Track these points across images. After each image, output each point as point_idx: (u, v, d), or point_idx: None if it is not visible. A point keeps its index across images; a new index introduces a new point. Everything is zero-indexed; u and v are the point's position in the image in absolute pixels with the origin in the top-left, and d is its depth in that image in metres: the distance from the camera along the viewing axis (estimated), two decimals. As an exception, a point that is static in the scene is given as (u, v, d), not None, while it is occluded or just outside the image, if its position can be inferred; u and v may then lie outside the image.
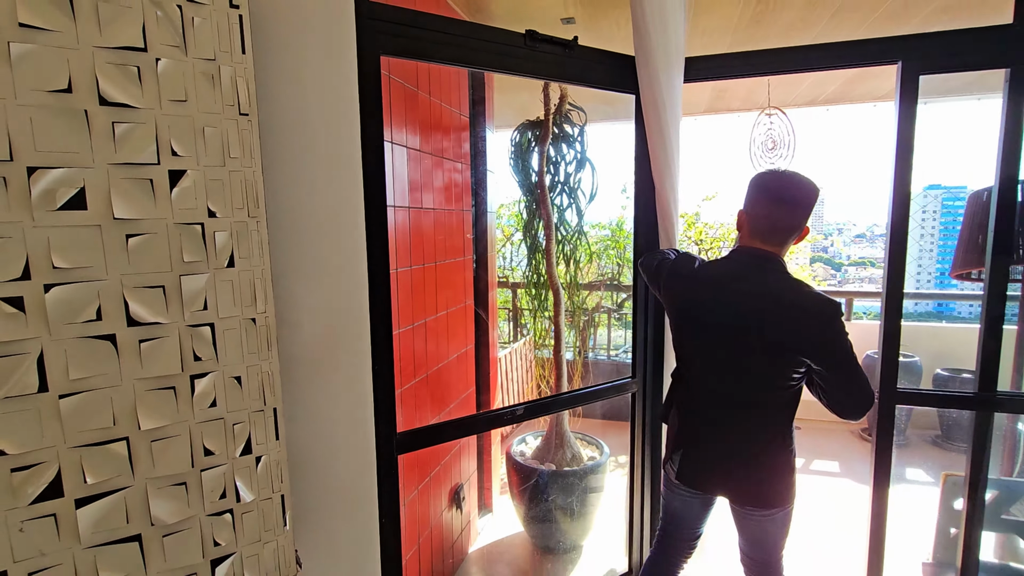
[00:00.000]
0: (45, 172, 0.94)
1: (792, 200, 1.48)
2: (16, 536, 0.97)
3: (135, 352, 1.04)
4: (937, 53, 1.76)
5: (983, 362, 1.82)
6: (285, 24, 1.22)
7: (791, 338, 1.44)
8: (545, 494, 2.46)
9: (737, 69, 2.00)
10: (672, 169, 1.87)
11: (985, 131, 3.01)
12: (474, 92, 2.64)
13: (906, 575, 2.31)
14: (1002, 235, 1.77)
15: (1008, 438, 2.48)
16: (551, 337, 3.08)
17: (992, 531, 2.23)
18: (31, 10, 0.90)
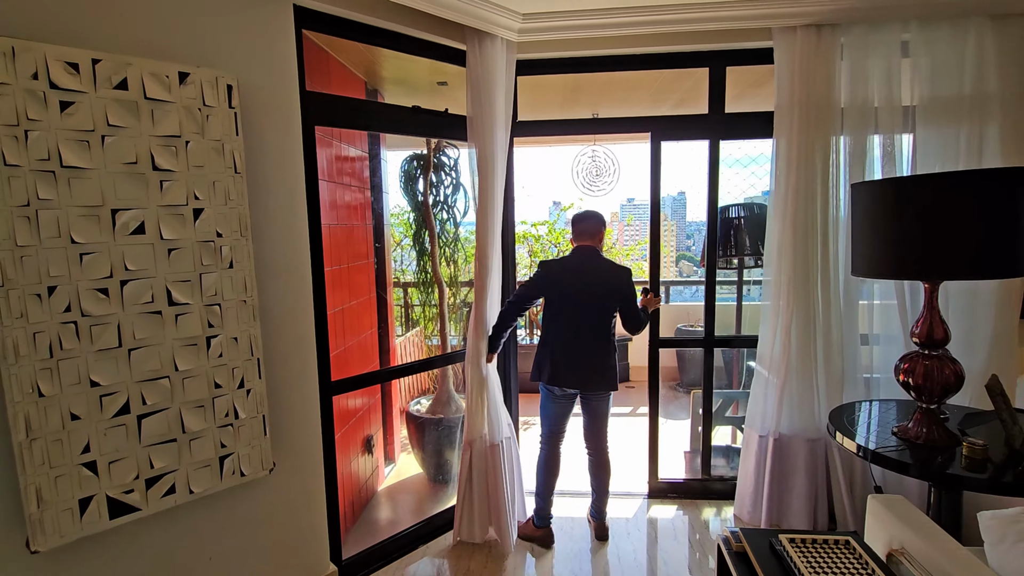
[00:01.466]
0: (122, 212, 1.54)
1: (586, 219, 2.49)
2: (102, 438, 1.56)
3: (173, 322, 1.66)
4: (669, 129, 2.84)
5: (707, 318, 2.94)
6: (259, 114, 1.87)
7: (612, 290, 2.48)
8: (436, 436, 3.22)
9: (554, 130, 2.93)
10: (493, 193, 2.65)
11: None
12: (372, 136, 3.32)
13: (676, 460, 3.46)
14: (713, 242, 2.89)
15: (736, 365, 3.77)
16: (437, 329, 3.86)
17: (721, 425, 3.44)
18: (115, 115, 1.51)
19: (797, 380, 2.52)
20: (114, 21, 1.56)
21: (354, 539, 2.62)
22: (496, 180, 2.53)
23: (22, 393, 1.42)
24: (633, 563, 2.45)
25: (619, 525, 2.76)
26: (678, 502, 2.98)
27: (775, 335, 2.55)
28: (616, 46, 2.62)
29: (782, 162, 2.47)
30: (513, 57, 2.57)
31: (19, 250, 1.39)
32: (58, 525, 1.50)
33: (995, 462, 1.76)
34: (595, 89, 3.48)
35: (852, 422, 2.14)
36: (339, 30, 2.18)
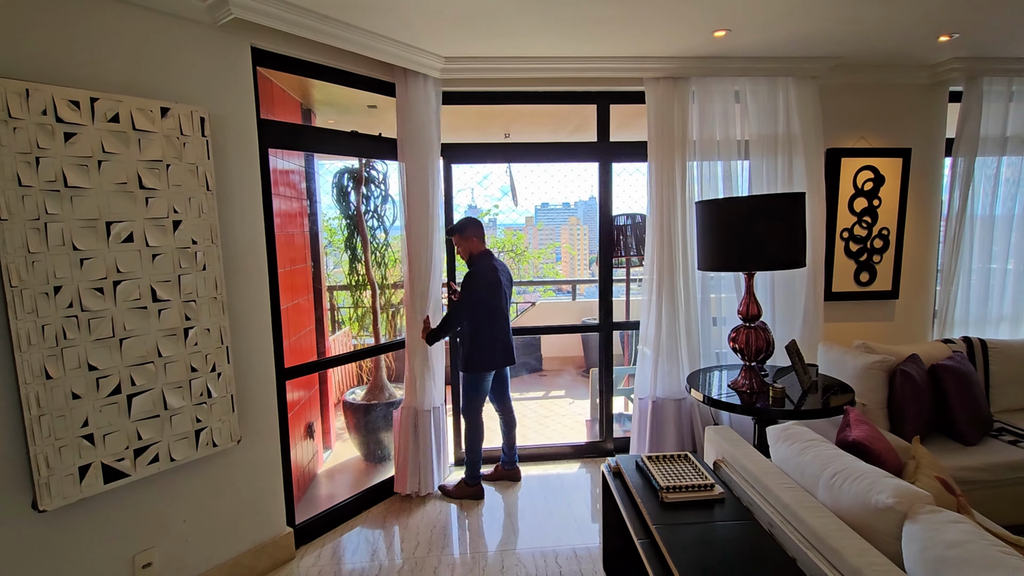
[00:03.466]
0: (116, 224, 1.85)
1: (480, 225, 3.14)
2: (96, 414, 1.85)
3: (157, 316, 1.97)
4: (568, 153, 3.47)
5: (602, 308, 3.59)
6: (225, 140, 2.20)
7: (509, 281, 3.10)
8: (371, 420, 3.60)
9: (480, 155, 3.46)
10: (423, 204, 3.11)
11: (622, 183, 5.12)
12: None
13: (578, 429, 4.10)
14: (607, 245, 3.54)
15: (627, 345, 4.50)
16: (366, 328, 4.24)
17: (615, 396, 4.13)
18: (110, 144, 1.82)
19: (666, 354, 3.20)
20: (108, 66, 1.87)
21: (302, 510, 2.96)
22: (422, 193, 3.00)
23: (32, 376, 1.70)
24: (543, 505, 3.00)
25: (531, 481, 3.31)
26: (581, 460, 3.59)
27: (650, 320, 3.23)
28: (524, 85, 3.19)
29: (653, 181, 3.16)
30: (438, 90, 3.05)
31: (31, 256, 1.68)
32: (61, 488, 1.78)
33: (792, 400, 2.49)
34: (507, 115, 4.05)
35: (704, 382, 2.83)
36: (287, 67, 2.55)
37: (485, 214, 7.75)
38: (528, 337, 6.05)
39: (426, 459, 3.12)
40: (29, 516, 1.76)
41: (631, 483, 2.04)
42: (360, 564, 2.53)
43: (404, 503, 3.09)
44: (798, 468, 1.78)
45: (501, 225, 9.84)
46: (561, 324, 6.18)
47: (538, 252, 9.14)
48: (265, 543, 2.45)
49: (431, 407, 3.11)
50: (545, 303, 6.93)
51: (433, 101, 3.03)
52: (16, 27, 1.68)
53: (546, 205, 70.76)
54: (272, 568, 2.47)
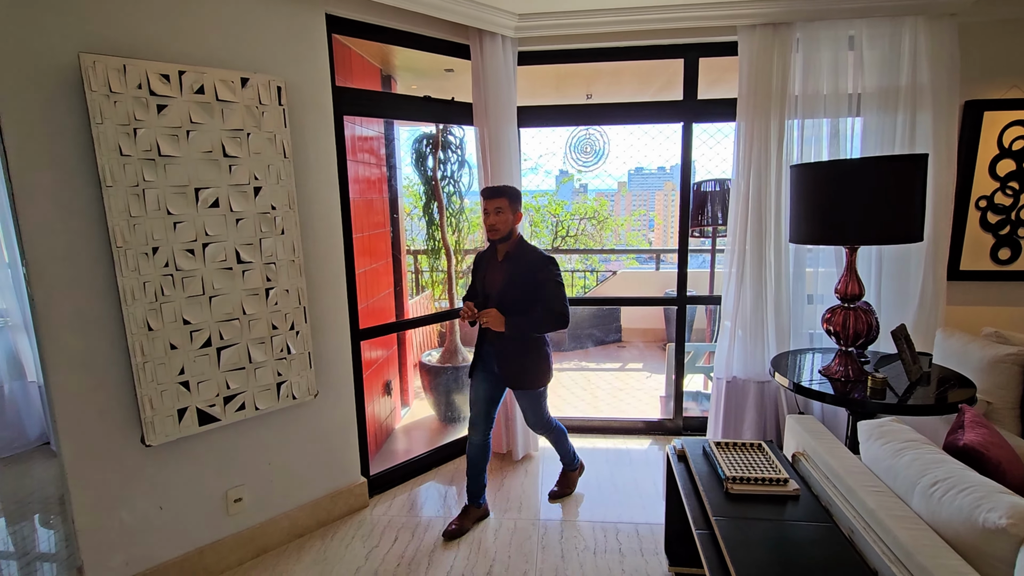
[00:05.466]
0: (203, 190, 1.99)
1: (517, 195, 2.44)
2: (191, 364, 2.04)
3: (241, 276, 2.12)
4: (649, 114, 3.23)
5: (679, 281, 3.38)
6: (301, 108, 2.28)
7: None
8: (446, 382, 3.72)
9: (553, 118, 3.32)
10: (497, 170, 3.06)
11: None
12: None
13: (653, 404, 3.96)
14: (685, 214, 3.29)
15: (710, 321, 4.22)
16: (445, 292, 4.33)
17: (693, 373, 3.92)
18: (197, 114, 1.94)
19: (750, 332, 2.96)
20: (192, 40, 1.98)
21: (378, 463, 3.14)
22: (500, 158, 2.94)
23: (137, 327, 1.90)
24: (608, 478, 2.95)
25: (599, 454, 3.26)
26: (652, 437, 3.48)
27: (731, 294, 2.99)
28: (603, 40, 2.98)
29: (742, 142, 2.86)
30: (514, 50, 2.95)
31: (132, 219, 1.85)
32: (164, 427, 2.00)
33: (896, 392, 2.21)
34: (587, 74, 3.84)
35: (791, 365, 2.59)
36: (361, 33, 2.57)
37: (569, 179, 7.56)
38: (607, 307, 5.91)
39: (511, 426, 3.17)
40: (139, 449, 2.00)
41: (695, 469, 1.93)
42: (428, 516, 2.65)
43: (471, 464, 3.18)
44: (891, 471, 1.57)
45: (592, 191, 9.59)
46: (638, 296, 5.96)
47: (625, 219, 8.80)
48: (341, 490, 2.63)
49: None
50: (627, 272, 6.71)
51: (509, 62, 2.93)
52: (112, 7, 1.81)
53: (640, 170, 65.42)
54: (347, 513, 2.66)
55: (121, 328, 1.90)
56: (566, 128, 4.67)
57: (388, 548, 2.40)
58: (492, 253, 2.47)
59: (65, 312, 1.82)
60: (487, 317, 2.28)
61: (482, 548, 2.40)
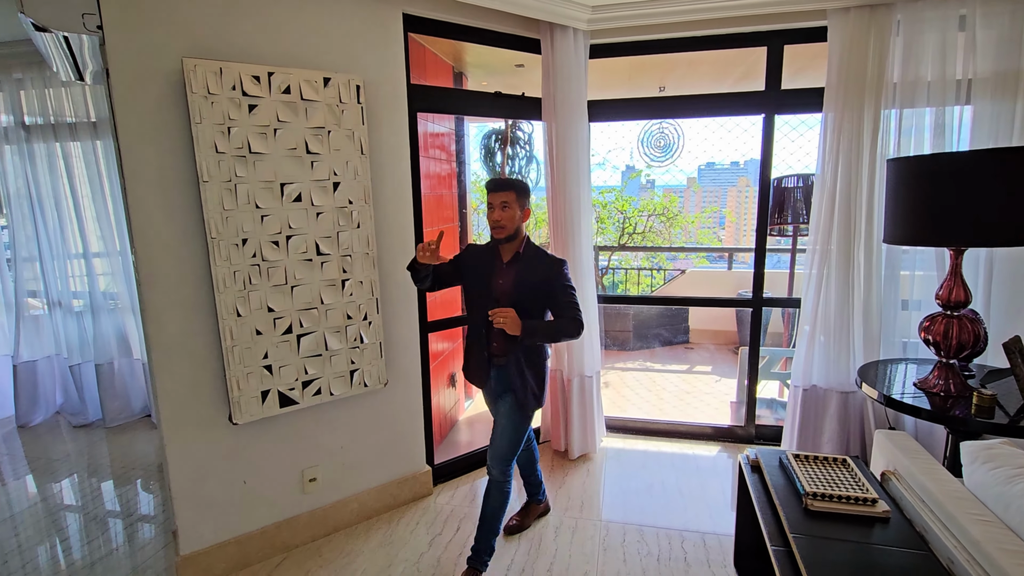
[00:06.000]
0: (288, 185, 2.10)
1: (527, 189, 2.14)
2: (274, 349, 2.16)
3: (320, 268, 2.22)
4: (728, 105, 3.08)
5: (755, 282, 3.20)
6: (378, 106, 2.36)
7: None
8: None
9: (626, 112, 3.24)
10: (568, 165, 3.02)
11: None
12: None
13: (723, 410, 3.80)
14: (764, 211, 3.11)
15: (787, 325, 3.98)
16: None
17: (767, 380, 3.71)
18: (283, 113, 2.05)
19: (834, 338, 2.76)
20: (281, 43, 2.09)
21: (441, 453, 3.21)
22: (568, 154, 2.91)
23: (227, 312, 2.04)
24: (674, 484, 2.86)
25: (664, 458, 3.17)
26: (721, 444, 3.34)
27: (811, 296, 2.80)
28: (680, 30, 2.87)
29: (829, 134, 2.67)
30: (586, 43, 2.90)
31: (225, 212, 1.98)
32: (248, 408, 2.14)
33: (1006, 411, 1.99)
34: (660, 66, 3.71)
35: (881, 375, 2.39)
36: (435, 31, 2.61)
37: (636, 174, 7.39)
38: (674, 307, 5.72)
39: (586, 423, 3.17)
40: (227, 427, 2.15)
41: (771, 481, 1.82)
42: (487, 510, 2.68)
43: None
44: (1001, 499, 1.42)
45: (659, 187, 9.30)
46: (709, 296, 5.72)
47: (696, 216, 8.48)
48: (407, 477, 2.71)
49: (592, 372, 3.15)
50: (696, 271, 6.47)
51: (580, 55, 2.89)
52: (211, 15, 1.95)
53: (712, 165, 61.79)
54: (412, 499, 2.74)
55: (214, 313, 2.05)
56: (636, 122, 4.57)
57: (451, 537, 2.45)
58: (491, 254, 2.14)
59: (166, 297, 1.98)
60: (504, 317, 1.93)
61: (542, 545, 2.40)
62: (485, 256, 2.16)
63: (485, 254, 2.17)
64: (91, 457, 3.36)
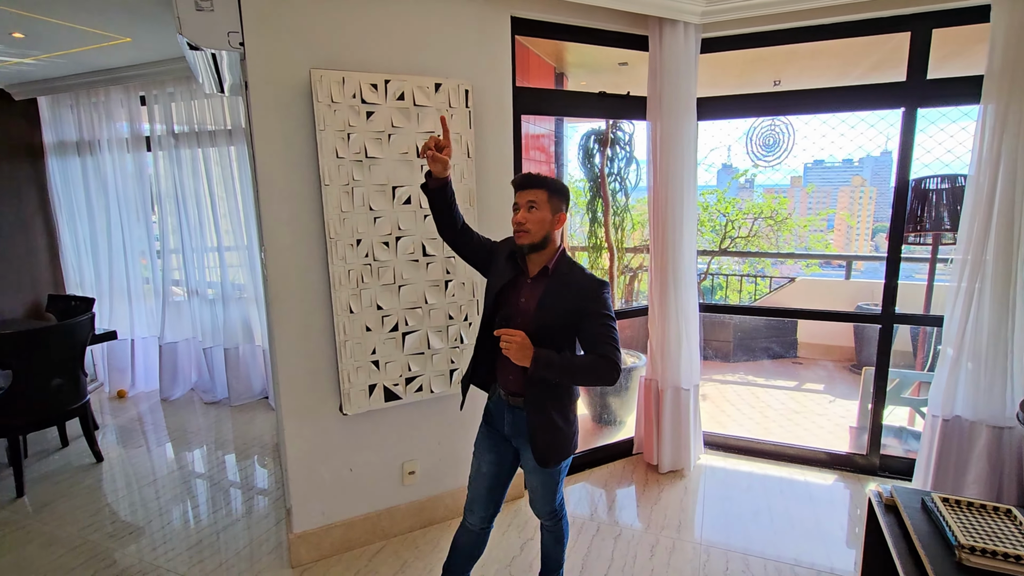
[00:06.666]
0: (399, 188, 2.18)
1: (565, 190, 1.72)
2: (381, 345, 2.26)
3: (425, 268, 2.29)
4: (859, 99, 2.77)
5: (886, 295, 2.86)
6: (484, 109, 2.39)
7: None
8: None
9: (738, 108, 3.03)
10: (673, 167, 2.87)
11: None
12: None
13: (838, 434, 3.44)
14: (899, 215, 2.77)
15: (922, 345, 3.51)
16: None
17: (895, 405, 3.30)
18: (397, 119, 2.13)
19: (985, 363, 2.40)
20: (395, 52, 2.18)
21: (532, 455, 3.21)
22: (674, 154, 2.78)
23: (341, 309, 2.15)
24: (782, 511, 2.63)
25: (771, 482, 2.93)
26: (837, 472, 3.03)
27: (958, 314, 2.45)
28: (804, 18, 2.64)
29: (989, 131, 2.32)
30: (697, 38, 2.75)
31: (342, 214, 2.09)
32: (357, 400, 2.24)
33: None
34: (777, 59, 3.44)
35: (1048, 410, 2.04)
36: (542, 32, 2.60)
37: (741, 174, 6.95)
38: (781, 318, 5.31)
39: (680, 437, 3.03)
40: (337, 416, 2.28)
41: (912, 526, 1.61)
42: (580, 517, 2.62)
43: (631, 470, 3.08)
44: None
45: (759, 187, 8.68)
46: (824, 309, 5.23)
47: (806, 219, 7.84)
48: (498, 478, 2.72)
49: (690, 385, 3.01)
50: (808, 280, 5.95)
51: (691, 51, 2.75)
52: (335, 27, 2.06)
53: (820, 163, 57.91)
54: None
55: (330, 309, 2.18)
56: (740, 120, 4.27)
57: (542, 543, 2.43)
58: (516, 264, 1.72)
59: (290, 292, 2.13)
60: (512, 340, 1.52)
61: (637, 563, 2.31)
62: (509, 264, 1.73)
63: (510, 262, 1.74)
64: (218, 431, 3.72)
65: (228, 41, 1.96)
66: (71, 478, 3.09)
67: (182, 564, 2.33)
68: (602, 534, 2.50)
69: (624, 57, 3.32)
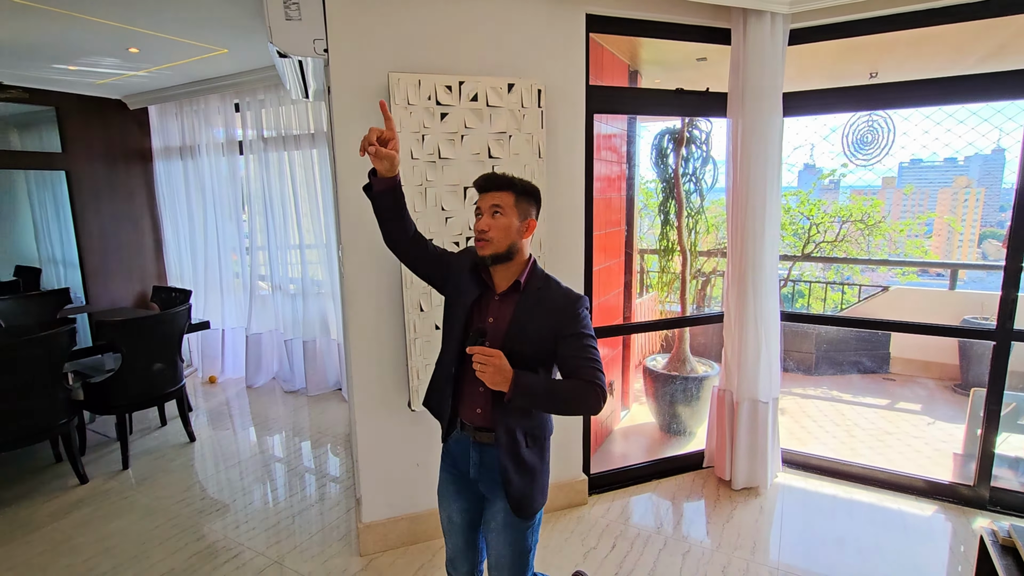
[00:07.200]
0: (470, 188, 2.19)
1: (536, 193, 1.51)
2: (449, 344, 2.28)
3: (494, 269, 2.29)
4: (976, 90, 2.48)
5: (1001, 308, 2.55)
6: (555, 108, 2.37)
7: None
8: (671, 391, 3.53)
9: (830, 103, 2.82)
10: (746, 170, 2.69)
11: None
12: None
13: (939, 460, 3.10)
14: (1021, 218, 2.46)
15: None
16: (671, 293, 4.12)
17: (1010, 432, 2.93)
18: (470, 120, 2.14)
19: None
20: (470, 54, 2.20)
21: (596, 463, 3.14)
22: (756, 152, 2.63)
23: (412, 307, 2.20)
24: (871, 541, 2.41)
25: (858, 508, 2.70)
26: (938, 503, 2.74)
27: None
28: (908, 2, 2.41)
29: None
30: (785, 29, 2.59)
31: (416, 214, 2.13)
32: (422, 396, 2.28)
33: None
34: (874, 48, 3.17)
35: None
36: (618, 28, 2.53)
37: (828, 175, 6.49)
38: (869, 331, 4.89)
39: (756, 453, 2.86)
40: (406, 412, 2.33)
41: (1036, 570, 1.41)
42: (646, 529, 2.54)
43: (700, 484, 2.95)
44: None
45: (845, 188, 8.07)
46: (925, 323, 4.76)
47: (902, 223, 7.20)
48: (562, 483, 2.69)
49: (768, 398, 2.82)
50: (902, 289, 5.45)
51: (778, 43, 2.58)
52: (410, 30, 2.11)
53: (917, 162, 54.66)
54: (567, 506, 2.71)
55: (401, 307, 2.23)
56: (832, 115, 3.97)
57: (606, 554, 2.36)
58: (481, 278, 1.50)
59: (364, 289, 2.20)
60: (485, 361, 1.28)
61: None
62: (473, 278, 1.49)
63: (473, 275, 1.50)
64: (295, 419, 3.93)
65: (313, 48, 2.06)
66: (168, 455, 3.37)
67: (261, 543, 2.47)
68: (669, 549, 2.40)
69: (703, 52, 3.18)
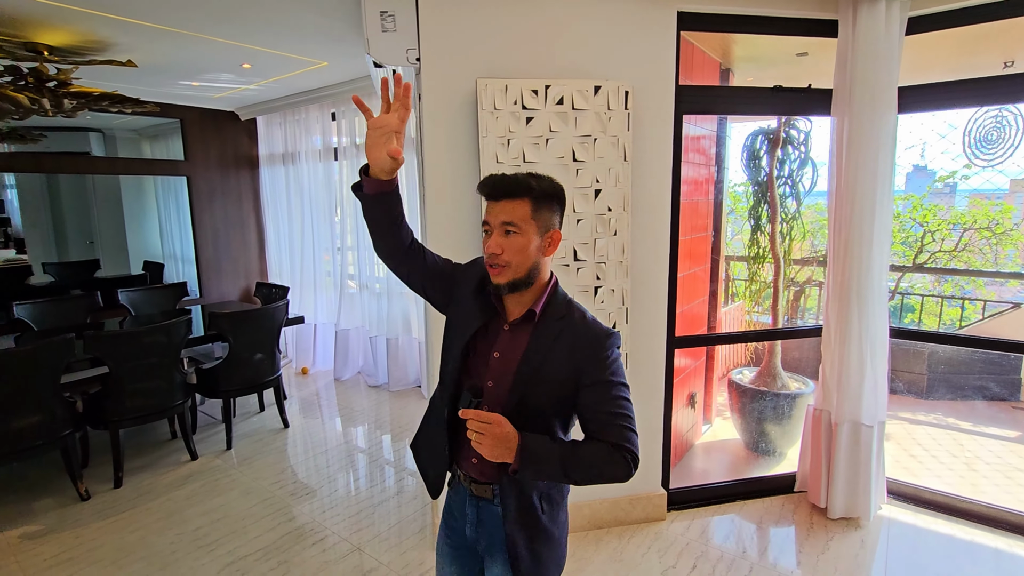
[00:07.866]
0: (553, 192, 2.18)
1: (560, 194, 1.19)
2: (528, 348, 2.28)
3: (575, 273, 2.27)
4: None
5: None
6: (642, 110, 2.31)
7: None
8: (759, 408, 3.32)
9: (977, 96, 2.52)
10: (852, 172, 2.45)
11: None
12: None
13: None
14: None
15: None
16: (759, 302, 3.87)
17: None
18: (555, 123, 2.14)
19: None
20: (556, 57, 2.19)
21: (676, 477, 3.01)
22: (864, 153, 2.42)
23: (492, 310, 2.22)
24: (999, 596, 2.13)
25: (979, 552, 2.39)
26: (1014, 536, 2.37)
27: None
28: (1061, -21, 2.11)
29: None
30: (903, 17, 2.36)
31: (499, 218, 2.16)
32: (502, 398, 2.30)
33: None
34: (1007, 34, 2.81)
35: None
36: (711, 25, 2.42)
37: (946, 177, 5.86)
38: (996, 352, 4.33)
39: (857, 481, 2.61)
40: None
41: None
42: (728, 552, 2.40)
43: (791, 509, 2.75)
44: None
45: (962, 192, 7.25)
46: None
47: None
48: (640, 496, 2.60)
49: (874, 421, 2.57)
50: (1038, 306, 4.79)
51: (893, 32, 2.36)
52: (498, 36, 2.14)
53: None
54: (644, 521, 2.62)
55: (482, 309, 2.26)
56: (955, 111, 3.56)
57: (686, 574, 2.25)
58: (489, 304, 1.19)
59: (447, 291, 2.25)
60: (486, 430, 1.02)
61: (798, 616, 2.03)
62: (479, 301, 1.20)
63: (479, 299, 1.20)
64: (377, 413, 4.11)
65: (406, 57, 2.14)
66: (265, 439, 3.64)
67: (344, 529, 2.59)
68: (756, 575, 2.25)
69: (804, 46, 2.98)
